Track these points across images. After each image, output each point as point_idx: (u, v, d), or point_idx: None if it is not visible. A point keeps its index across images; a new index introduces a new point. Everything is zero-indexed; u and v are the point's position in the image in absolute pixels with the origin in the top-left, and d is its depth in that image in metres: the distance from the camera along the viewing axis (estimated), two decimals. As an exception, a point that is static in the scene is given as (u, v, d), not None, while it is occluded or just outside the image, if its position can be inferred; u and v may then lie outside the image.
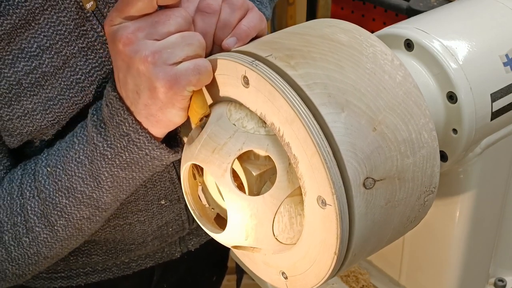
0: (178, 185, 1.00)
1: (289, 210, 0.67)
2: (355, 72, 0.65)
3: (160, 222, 1.04)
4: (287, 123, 0.62)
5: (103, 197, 0.83)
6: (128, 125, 0.76)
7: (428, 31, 0.78)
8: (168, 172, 0.97)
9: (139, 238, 1.04)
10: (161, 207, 1.01)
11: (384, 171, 0.63)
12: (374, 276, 1.03)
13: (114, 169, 0.80)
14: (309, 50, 0.66)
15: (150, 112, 0.74)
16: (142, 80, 0.71)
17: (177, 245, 1.14)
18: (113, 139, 0.78)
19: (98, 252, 1.05)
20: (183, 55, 0.70)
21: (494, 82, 0.78)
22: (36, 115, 0.83)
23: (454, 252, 0.88)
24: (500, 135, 0.84)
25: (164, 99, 0.71)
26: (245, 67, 0.65)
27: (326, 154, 0.60)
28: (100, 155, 0.79)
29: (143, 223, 1.02)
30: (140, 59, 0.70)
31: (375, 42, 0.69)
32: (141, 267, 1.13)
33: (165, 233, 1.07)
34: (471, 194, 0.85)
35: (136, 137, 0.77)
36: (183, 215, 1.06)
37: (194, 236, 1.16)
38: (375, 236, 0.66)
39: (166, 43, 0.70)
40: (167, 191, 0.99)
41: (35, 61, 0.81)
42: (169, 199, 1.01)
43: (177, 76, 0.69)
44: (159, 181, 0.97)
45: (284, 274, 0.72)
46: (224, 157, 0.67)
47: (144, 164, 0.80)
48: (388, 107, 0.64)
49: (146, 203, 0.99)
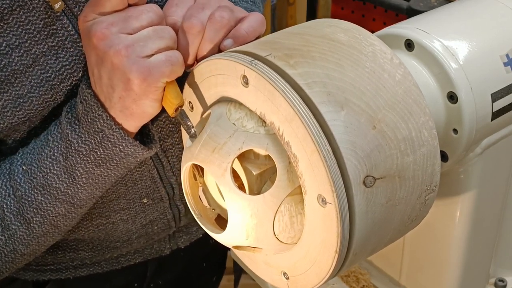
0: (160, 184, 1.00)
1: (289, 209, 0.67)
2: (354, 70, 0.65)
3: (143, 221, 1.04)
4: (286, 122, 0.63)
5: (78, 193, 0.84)
6: (103, 121, 0.78)
7: (428, 31, 0.78)
8: (148, 171, 0.97)
9: (123, 237, 1.05)
10: (144, 205, 1.02)
11: (384, 169, 0.63)
12: (375, 276, 1.03)
13: (89, 165, 0.82)
14: (308, 49, 0.66)
15: (125, 105, 0.75)
16: (116, 73, 0.73)
17: (166, 242, 1.14)
18: (87, 135, 0.79)
19: (84, 248, 1.06)
20: (155, 47, 0.73)
21: (494, 82, 0.78)
22: (7, 113, 0.84)
23: (455, 252, 0.88)
24: (500, 135, 0.84)
25: (138, 90, 0.73)
26: (245, 67, 0.65)
27: (326, 153, 0.60)
28: (75, 151, 0.81)
29: (126, 222, 1.02)
30: (114, 53, 0.72)
31: (375, 41, 0.69)
32: (130, 262, 1.13)
33: (150, 231, 1.07)
34: (472, 194, 0.85)
35: (110, 133, 0.78)
36: (168, 214, 1.06)
37: (184, 233, 1.16)
38: (376, 235, 0.66)
39: (139, 36, 0.73)
40: (148, 189, 1.00)
41: (5, 60, 0.81)
42: (151, 198, 1.02)
43: (150, 67, 0.72)
44: (139, 180, 0.98)
45: (285, 274, 0.72)
46: (224, 156, 0.67)
47: (119, 161, 0.82)
48: (388, 105, 0.64)
49: (128, 202, 1.00)
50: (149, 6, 0.74)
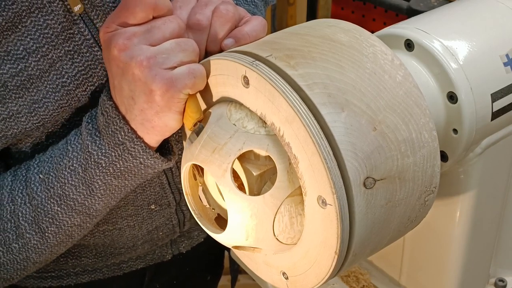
0: (168, 190, 1.00)
1: (289, 210, 0.67)
2: (355, 72, 0.65)
3: (150, 227, 1.04)
4: (287, 123, 0.62)
5: (95, 204, 0.84)
6: (124, 134, 0.77)
7: (428, 31, 0.78)
8: (158, 177, 0.97)
9: (129, 243, 1.05)
10: (151, 212, 1.02)
11: (385, 170, 0.63)
12: (375, 276, 1.03)
13: (108, 177, 0.81)
14: (309, 50, 0.66)
15: (146, 117, 0.74)
16: (138, 85, 0.72)
17: (168, 248, 1.14)
18: (108, 147, 0.78)
19: (88, 255, 1.06)
20: (178, 60, 0.71)
21: (494, 82, 0.78)
22: (21, 118, 0.83)
23: (455, 252, 0.88)
24: (500, 135, 0.84)
25: (161, 102, 0.72)
26: (245, 67, 0.65)
27: (326, 154, 0.60)
28: (95, 164, 0.80)
29: (133, 228, 1.02)
30: (136, 64, 0.70)
31: (375, 42, 0.69)
32: (132, 269, 1.13)
33: (155, 237, 1.07)
34: (472, 194, 0.85)
35: (131, 146, 0.77)
36: (173, 219, 1.06)
37: (185, 238, 1.16)
38: (376, 236, 0.66)
39: (161, 48, 0.71)
40: (157, 196, 1.00)
41: (21, 64, 0.80)
42: (159, 204, 1.01)
43: (173, 79, 0.70)
44: (148, 186, 0.97)
45: (284, 275, 0.72)
46: (224, 157, 0.67)
47: (137, 172, 0.81)
48: (388, 106, 0.64)
49: (136, 208, 0.99)
50: (172, 17, 0.73)
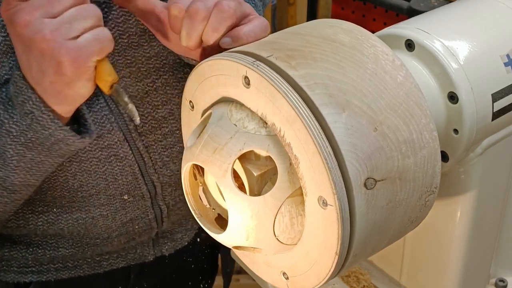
0: (141, 180, 1.00)
1: (290, 210, 0.67)
2: (356, 72, 0.65)
3: (124, 218, 1.04)
4: (288, 123, 0.62)
5: (10, 176, 0.84)
6: (32, 103, 0.77)
7: (429, 31, 0.78)
8: (129, 166, 0.97)
9: (103, 233, 1.04)
10: (124, 202, 1.02)
11: (385, 171, 0.63)
12: (375, 276, 1.03)
13: (20, 147, 0.81)
14: (310, 50, 0.66)
15: (57, 88, 0.75)
16: (46, 59, 0.72)
17: (150, 248, 1.13)
18: (19, 116, 0.79)
19: (65, 245, 1.06)
20: (81, 28, 0.72)
21: (495, 82, 0.78)
22: None
23: (455, 253, 0.88)
24: (501, 135, 0.84)
25: (70, 73, 0.72)
26: (246, 67, 0.65)
27: (327, 155, 0.60)
28: (6, 132, 0.80)
29: (106, 218, 1.02)
30: (40, 39, 0.71)
31: (376, 43, 0.69)
32: (113, 267, 1.12)
33: (131, 231, 1.06)
34: (472, 194, 0.85)
35: (39, 115, 0.78)
36: (149, 213, 1.05)
37: (168, 240, 1.15)
38: (376, 237, 0.66)
39: (63, 18, 0.72)
40: (129, 186, 1.00)
41: None
42: (132, 195, 1.01)
43: (79, 48, 0.71)
44: (120, 175, 0.97)
45: (285, 275, 0.72)
46: (225, 157, 0.67)
47: (50, 146, 0.81)
48: (389, 107, 0.64)
49: (108, 198, 0.99)
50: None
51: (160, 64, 0.93)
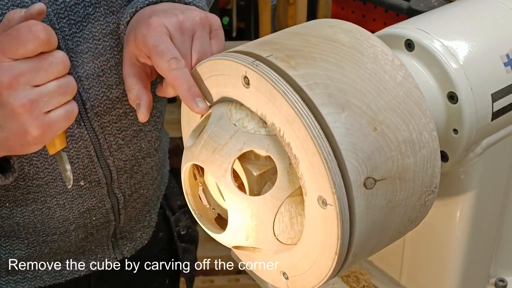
0: (97, 163, 0.99)
1: (289, 210, 0.67)
2: (355, 72, 0.65)
3: (81, 208, 1.02)
4: (287, 123, 0.63)
5: None
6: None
7: (428, 31, 0.78)
8: (85, 148, 0.97)
9: (60, 227, 1.03)
10: (81, 189, 1.01)
11: (385, 171, 0.63)
12: (375, 276, 1.03)
13: None
14: (309, 50, 0.66)
15: (9, 144, 0.78)
16: (14, 122, 0.75)
17: (110, 251, 1.12)
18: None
19: (20, 246, 1.04)
20: (57, 103, 0.76)
21: (494, 82, 0.78)
22: None
23: (455, 253, 0.88)
24: (500, 135, 0.84)
25: (32, 141, 0.76)
26: (246, 67, 0.65)
27: (327, 154, 0.60)
28: None
29: (63, 208, 1.01)
30: (18, 105, 0.73)
31: (376, 43, 0.69)
32: (74, 275, 1.10)
33: (89, 223, 1.05)
34: (472, 194, 0.85)
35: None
36: (106, 203, 1.04)
37: (128, 240, 1.14)
38: (376, 236, 0.66)
39: (44, 91, 0.75)
40: (85, 170, 0.99)
41: None
42: (89, 180, 1.00)
43: (50, 123, 0.75)
44: (76, 158, 0.97)
45: (285, 275, 0.72)
46: (224, 157, 0.67)
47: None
48: (389, 107, 0.64)
49: (64, 185, 0.98)
50: (58, 57, 0.75)
51: (114, 43, 0.93)
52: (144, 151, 1.04)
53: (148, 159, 1.06)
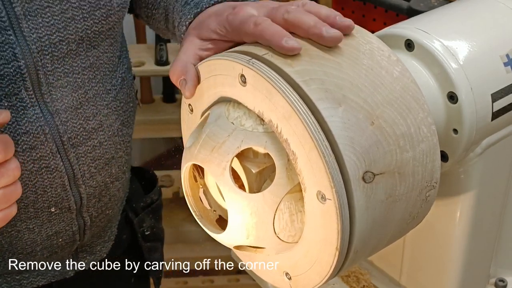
0: (70, 192, 0.98)
1: (289, 207, 0.67)
2: (352, 68, 0.65)
3: (49, 231, 1.01)
4: (284, 119, 0.63)
5: None
6: None
7: (428, 31, 0.78)
8: (59, 178, 0.96)
9: (27, 248, 1.02)
10: (51, 215, 0.99)
11: (384, 165, 0.63)
12: (375, 276, 1.02)
13: None
14: (306, 48, 0.66)
15: None
16: None
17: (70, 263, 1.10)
18: None
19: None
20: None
21: (494, 82, 0.78)
22: None
23: (455, 253, 0.88)
24: (500, 135, 0.84)
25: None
26: (242, 66, 0.66)
27: (324, 149, 0.60)
28: None
29: (32, 232, 1.00)
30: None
31: (372, 39, 0.69)
32: (33, 285, 1.09)
33: (55, 244, 1.04)
34: (472, 194, 0.84)
35: None
36: (73, 225, 1.03)
37: (87, 254, 1.12)
38: (377, 233, 0.66)
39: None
40: (58, 198, 0.98)
41: None
42: (59, 207, 0.99)
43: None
44: (50, 187, 0.96)
45: (288, 275, 0.72)
46: (223, 155, 0.67)
47: None
48: (386, 101, 0.64)
49: (36, 211, 0.98)
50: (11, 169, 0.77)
51: (92, 75, 0.93)
52: (114, 176, 1.04)
53: (116, 183, 1.05)
